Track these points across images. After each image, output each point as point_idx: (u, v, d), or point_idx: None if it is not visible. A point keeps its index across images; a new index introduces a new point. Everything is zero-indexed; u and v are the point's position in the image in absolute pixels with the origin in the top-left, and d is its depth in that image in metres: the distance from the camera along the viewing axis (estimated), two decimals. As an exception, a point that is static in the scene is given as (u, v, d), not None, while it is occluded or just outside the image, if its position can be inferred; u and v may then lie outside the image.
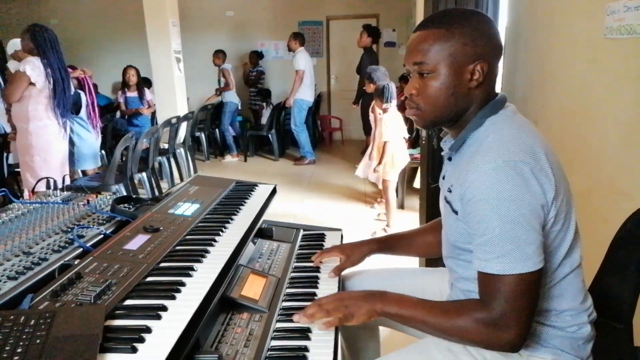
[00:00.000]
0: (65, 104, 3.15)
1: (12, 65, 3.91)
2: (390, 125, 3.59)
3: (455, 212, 1.02)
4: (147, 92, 5.56)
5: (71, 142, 3.80)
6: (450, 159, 1.10)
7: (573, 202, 1.02)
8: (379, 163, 3.67)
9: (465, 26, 0.98)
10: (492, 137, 0.97)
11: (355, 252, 1.39)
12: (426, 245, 1.41)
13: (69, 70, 3.80)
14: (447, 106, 1.01)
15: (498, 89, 1.11)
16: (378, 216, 4.06)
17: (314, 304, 1.07)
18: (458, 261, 1.09)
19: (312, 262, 1.40)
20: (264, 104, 7.18)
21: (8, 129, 4.11)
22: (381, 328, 1.51)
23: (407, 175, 4.25)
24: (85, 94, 3.83)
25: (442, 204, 1.13)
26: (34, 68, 2.95)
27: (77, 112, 3.79)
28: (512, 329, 0.91)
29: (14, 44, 3.87)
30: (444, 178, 1.13)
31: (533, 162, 0.91)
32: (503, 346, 0.94)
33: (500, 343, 0.94)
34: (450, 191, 1.03)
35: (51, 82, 3.01)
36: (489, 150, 0.94)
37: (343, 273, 1.41)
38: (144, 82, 5.78)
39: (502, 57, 1.05)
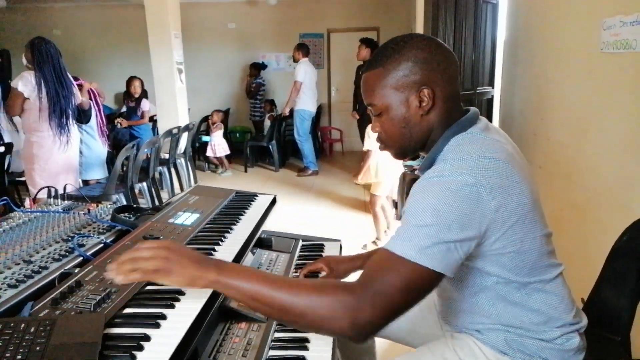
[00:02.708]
0: (63, 116, 3.19)
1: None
2: (374, 136, 3.54)
3: None
4: (144, 103, 5.58)
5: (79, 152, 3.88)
6: None
7: (537, 217, 0.98)
8: (359, 174, 3.72)
9: (398, 60, 0.98)
10: (452, 154, 0.96)
11: (340, 267, 1.39)
12: None
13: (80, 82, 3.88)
14: (404, 138, 1.03)
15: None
16: (374, 243, 3.97)
17: (132, 250, 0.91)
18: None
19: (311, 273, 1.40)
20: (267, 114, 7.23)
21: (6, 139, 4.14)
22: (378, 340, 1.52)
23: (407, 187, 4.25)
24: (92, 103, 3.88)
25: None
26: (25, 84, 3.05)
27: (87, 121, 3.86)
28: (367, 308, 0.82)
29: None
30: None
31: (480, 178, 0.88)
32: (354, 325, 0.83)
33: (354, 320, 0.83)
34: None
35: (43, 95, 3.07)
36: (442, 162, 0.95)
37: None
38: (143, 93, 5.85)
39: (454, 74, 1.03)
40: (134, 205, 1.63)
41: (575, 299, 1.09)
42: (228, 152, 6.46)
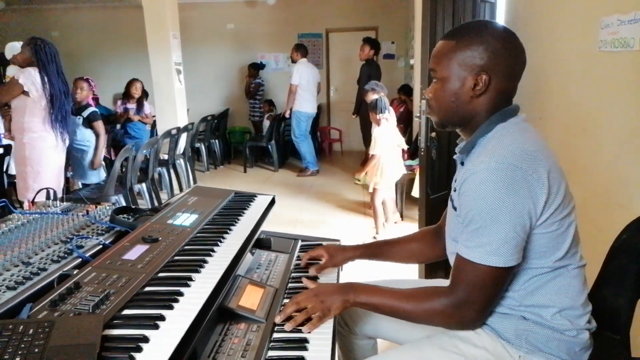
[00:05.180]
0: (65, 117, 3.17)
1: (11, 70, 3.88)
2: (380, 140, 3.66)
3: (455, 208, 1.08)
4: (146, 105, 5.62)
5: (84, 155, 3.93)
6: (462, 163, 1.14)
7: (574, 208, 1.05)
8: (361, 171, 3.87)
9: (474, 40, 1.04)
10: (494, 142, 1.02)
11: (339, 254, 1.44)
12: (410, 253, 1.45)
13: (90, 82, 3.92)
14: (449, 110, 1.10)
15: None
16: (383, 226, 4.04)
17: (292, 303, 1.14)
18: None
19: (311, 272, 1.41)
20: (266, 114, 7.24)
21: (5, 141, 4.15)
22: (379, 341, 1.51)
23: (406, 186, 4.26)
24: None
25: (448, 204, 1.19)
26: (27, 77, 3.01)
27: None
28: (470, 312, 1.03)
29: (13, 48, 3.87)
30: (455, 181, 1.17)
31: (526, 167, 0.95)
32: (461, 325, 1.08)
33: (459, 323, 1.07)
34: (455, 190, 1.10)
35: (48, 95, 3.04)
36: (487, 152, 0.99)
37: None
38: (143, 94, 5.88)
39: (516, 73, 1.08)
40: (133, 207, 1.63)
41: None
42: None
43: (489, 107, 1.07)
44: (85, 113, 4.00)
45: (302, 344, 1.06)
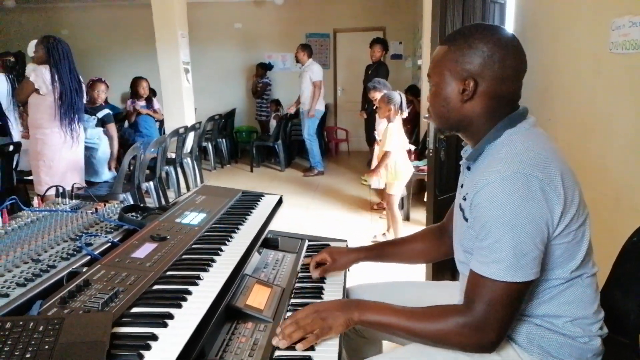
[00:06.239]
0: (75, 115, 3.21)
1: (29, 68, 3.94)
2: (395, 135, 3.54)
3: (466, 219, 1.05)
4: (155, 102, 5.66)
5: (93, 154, 3.98)
6: (469, 168, 1.12)
7: (588, 215, 1.03)
8: (375, 170, 3.63)
9: (462, 45, 1.02)
10: (506, 149, 0.99)
11: (343, 258, 1.42)
12: (414, 253, 1.44)
13: (107, 84, 3.98)
14: (442, 115, 1.09)
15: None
16: (384, 235, 3.94)
17: (292, 321, 1.07)
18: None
19: (313, 275, 1.40)
20: (272, 113, 7.25)
21: (16, 138, 4.19)
22: (385, 342, 1.51)
23: (414, 188, 4.23)
24: None
25: (455, 211, 1.16)
26: (38, 75, 3.09)
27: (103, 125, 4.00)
28: (490, 333, 0.96)
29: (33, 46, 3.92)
30: (462, 187, 1.15)
31: (542, 176, 0.92)
32: (480, 348, 1.00)
33: (477, 345, 0.99)
34: (464, 199, 1.06)
35: (57, 92, 3.08)
36: (500, 161, 0.96)
37: (348, 285, 1.44)
38: (151, 92, 5.91)
39: (512, 77, 1.03)
40: (141, 205, 1.64)
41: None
42: None
43: (484, 111, 1.03)
44: (101, 114, 4.07)
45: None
